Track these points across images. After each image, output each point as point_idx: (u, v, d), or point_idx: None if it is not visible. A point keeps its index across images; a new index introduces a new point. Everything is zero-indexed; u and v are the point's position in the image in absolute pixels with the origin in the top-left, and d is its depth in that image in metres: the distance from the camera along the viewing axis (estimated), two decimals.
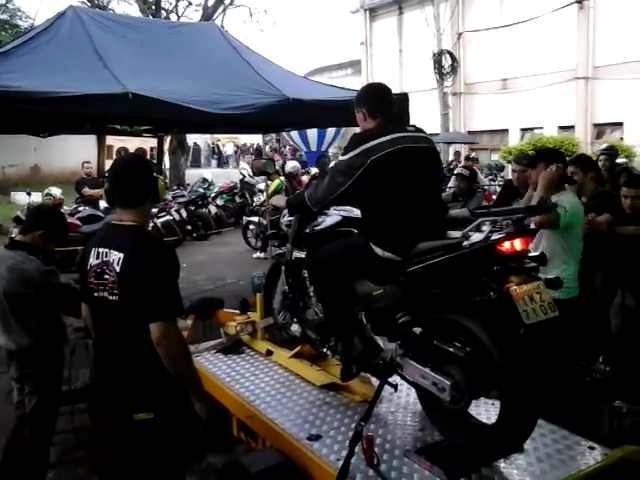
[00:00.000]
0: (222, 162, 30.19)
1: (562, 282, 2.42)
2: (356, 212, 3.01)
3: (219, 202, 13.17)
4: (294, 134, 17.48)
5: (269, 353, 3.88)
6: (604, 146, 10.46)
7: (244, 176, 13.81)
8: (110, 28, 5.78)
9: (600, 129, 17.24)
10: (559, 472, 2.45)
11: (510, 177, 5.52)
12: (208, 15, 18.33)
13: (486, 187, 11.17)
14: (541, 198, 3.45)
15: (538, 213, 2.86)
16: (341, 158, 2.78)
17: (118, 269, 2.17)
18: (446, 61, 18.35)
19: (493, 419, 2.61)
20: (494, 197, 10.18)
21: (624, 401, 3.24)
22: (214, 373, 3.64)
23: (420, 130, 2.83)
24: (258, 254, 9.98)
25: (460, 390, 2.41)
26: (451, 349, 2.47)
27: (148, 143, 5.71)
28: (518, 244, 2.29)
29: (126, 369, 2.25)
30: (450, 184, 7.82)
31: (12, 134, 8.67)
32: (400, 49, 23.10)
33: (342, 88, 6.86)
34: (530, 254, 2.37)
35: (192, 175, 17.82)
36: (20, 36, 6.13)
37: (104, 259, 2.23)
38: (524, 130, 16.96)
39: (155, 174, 2.32)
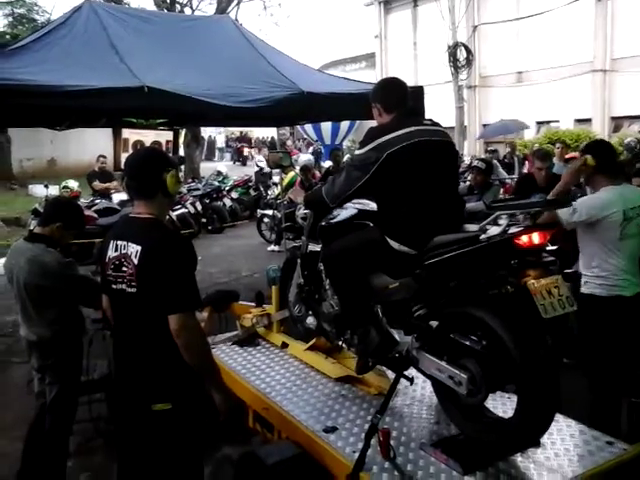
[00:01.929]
0: (234, 158, 29.93)
1: (580, 276, 2.40)
2: (372, 205, 3.01)
3: (234, 195, 13.21)
4: (308, 127, 17.45)
5: (284, 346, 3.90)
6: (628, 140, 10.33)
7: (261, 168, 13.83)
8: (126, 22, 5.81)
9: (617, 122, 17.04)
10: (576, 467, 2.43)
11: (528, 171, 5.49)
12: (222, 8, 18.33)
13: (506, 180, 11.06)
14: (558, 192, 3.42)
15: (555, 207, 2.84)
16: (357, 152, 2.77)
17: (136, 261, 2.19)
18: (461, 54, 18.17)
19: (510, 413, 2.60)
20: None
21: None
22: (230, 365, 3.66)
23: (436, 124, 2.81)
24: (272, 247, 10.00)
25: (477, 384, 2.40)
26: (467, 342, 2.46)
27: (164, 136, 5.75)
28: (536, 238, 2.27)
29: (145, 360, 2.26)
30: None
31: (29, 127, 8.79)
32: (415, 42, 22.96)
33: (356, 81, 6.84)
34: (548, 248, 2.35)
35: (206, 168, 17.91)
36: (37, 30, 6.17)
37: (122, 251, 2.24)
38: (540, 123, 16.80)
39: (169, 168, 2.28)
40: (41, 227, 3.29)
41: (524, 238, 2.26)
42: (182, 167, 12.64)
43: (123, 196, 9.40)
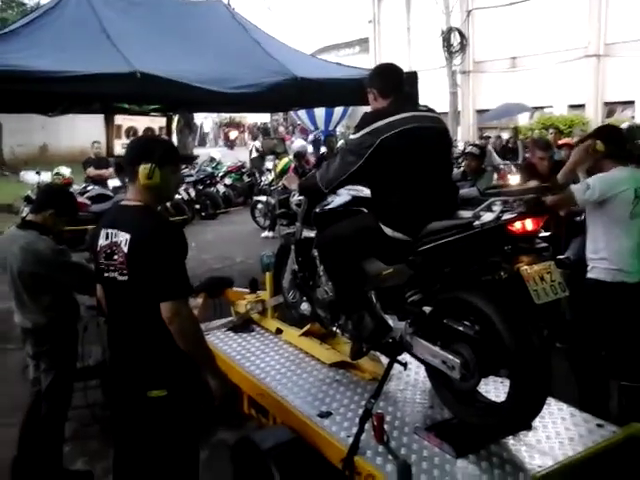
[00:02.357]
0: (200, 139, 29.54)
1: (573, 262, 2.42)
2: (366, 191, 3.00)
3: (227, 181, 13.19)
4: (302, 113, 17.33)
5: (279, 331, 3.91)
6: (625, 125, 10.32)
7: (259, 154, 13.74)
8: (117, 6, 5.73)
9: (611, 107, 17.07)
10: (568, 449, 2.47)
11: (528, 159, 5.47)
12: None
13: (501, 166, 11.06)
14: (567, 171, 3.40)
15: (549, 192, 2.85)
16: (351, 137, 2.77)
17: (126, 250, 2.18)
18: (455, 39, 18.10)
19: (502, 397, 2.63)
20: (509, 176, 10.15)
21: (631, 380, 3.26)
22: (225, 351, 3.67)
23: (431, 110, 2.81)
24: (266, 233, 10.01)
25: (470, 368, 2.43)
26: (461, 328, 2.49)
27: (157, 123, 5.71)
28: (529, 224, 2.28)
29: (139, 347, 2.27)
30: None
31: (20, 113, 8.71)
32: (408, 27, 22.86)
33: (350, 67, 6.81)
34: (541, 234, 2.37)
35: (200, 154, 17.80)
36: (27, 14, 6.09)
37: (112, 240, 2.24)
38: (534, 109, 16.76)
39: (145, 161, 2.20)
40: (34, 214, 3.28)
41: (517, 224, 2.28)
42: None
43: (117, 182, 9.37)
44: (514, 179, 9.35)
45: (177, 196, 10.34)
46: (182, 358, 2.24)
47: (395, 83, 2.83)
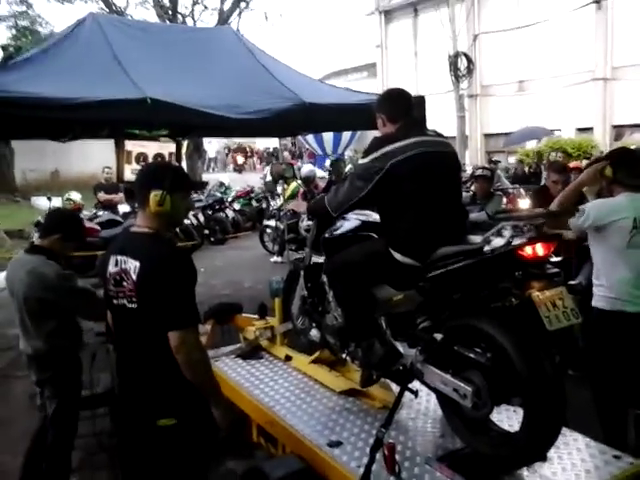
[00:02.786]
0: (208, 165, 29.95)
1: (585, 288, 2.38)
2: (375, 216, 3.00)
3: (236, 206, 13.24)
4: (310, 137, 17.46)
5: (288, 358, 3.88)
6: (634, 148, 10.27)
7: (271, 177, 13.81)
8: (128, 34, 5.85)
9: (619, 131, 17.06)
10: None
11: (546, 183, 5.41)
12: (224, 19, 18.48)
13: (510, 190, 11.03)
14: (570, 191, 3.33)
15: (559, 217, 2.83)
16: (361, 161, 2.77)
17: (135, 277, 2.17)
18: (462, 63, 18.24)
19: (516, 426, 2.58)
20: (519, 200, 10.09)
21: None
22: (233, 378, 3.64)
23: (440, 134, 2.81)
24: (275, 258, 10.00)
25: (482, 397, 2.39)
26: (472, 355, 2.45)
27: (167, 148, 5.76)
28: (540, 249, 2.26)
29: (148, 375, 2.25)
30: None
31: (33, 139, 8.82)
32: (415, 51, 23.08)
33: (358, 92, 6.86)
34: (552, 259, 2.34)
35: (208, 179, 17.92)
36: (40, 42, 6.21)
37: (122, 267, 2.23)
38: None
39: (155, 189, 2.21)
40: (41, 239, 3.29)
41: (528, 249, 2.26)
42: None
43: (127, 208, 9.42)
44: (524, 203, 9.36)
45: (186, 221, 10.40)
46: (191, 387, 2.21)
47: (404, 108, 2.83)
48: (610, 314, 3.08)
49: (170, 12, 18.49)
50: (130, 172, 5.46)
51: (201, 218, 11.33)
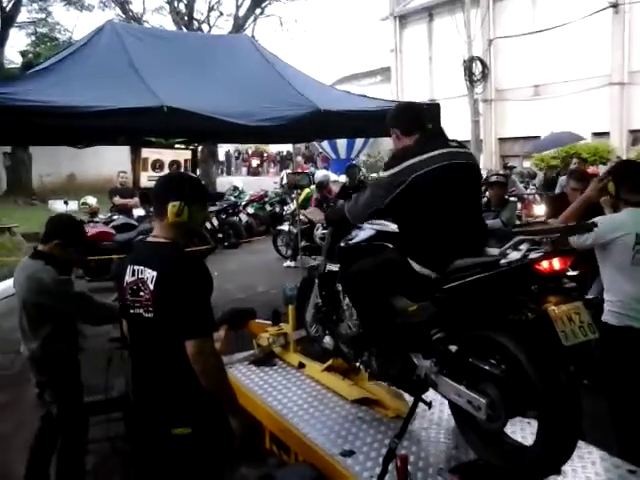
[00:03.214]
0: (250, 172, 30.50)
1: (601, 302, 2.36)
2: (391, 226, 3.01)
3: (250, 210, 13.28)
4: (323, 142, 17.55)
5: (301, 366, 3.89)
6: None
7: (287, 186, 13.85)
8: (146, 42, 5.92)
9: (636, 135, 16.90)
10: None
11: (564, 191, 5.34)
12: (239, 25, 18.59)
13: (525, 196, 10.95)
14: (575, 209, 3.31)
15: (577, 232, 2.80)
16: (382, 174, 2.78)
17: (152, 287, 2.20)
18: (477, 68, 18.15)
19: (530, 439, 2.57)
20: (534, 206, 10.02)
21: None
22: (247, 385, 3.66)
23: (462, 145, 2.81)
24: (288, 263, 10.03)
25: (496, 409, 2.38)
26: (487, 367, 2.45)
27: (182, 155, 5.82)
28: (557, 263, 2.25)
29: (164, 384, 2.27)
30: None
31: (51, 145, 8.94)
32: (430, 56, 23.04)
33: (373, 98, 6.87)
34: (569, 273, 2.33)
35: (222, 183, 18.02)
36: (61, 51, 6.30)
37: (139, 276, 2.26)
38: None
39: (173, 200, 2.23)
40: (42, 245, 3.34)
41: (544, 263, 2.25)
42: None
43: (142, 212, 9.51)
44: (539, 209, 9.29)
45: None
46: (206, 395, 2.23)
47: (416, 120, 2.84)
48: (618, 329, 3.04)
49: (186, 18, 18.65)
50: (146, 179, 5.52)
51: (215, 222, 11.39)
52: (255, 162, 30.57)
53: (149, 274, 2.22)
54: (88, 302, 3.28)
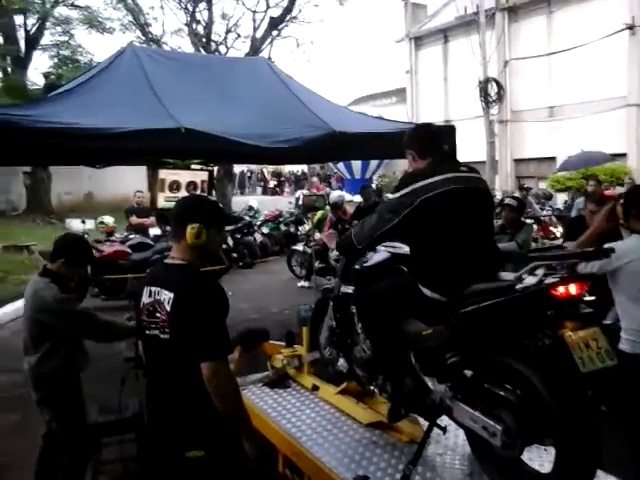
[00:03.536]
0: (267, 190, 30.83)
1: (618, 328, 2.33)
2: (405, 249, 2.99)
3: (264, 230, 13.33)
4: (339, 162, 17.64)
5: (315, 388, 3.86)
6: None
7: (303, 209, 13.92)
8: (164, 65, 6.03)
9: None
10: None
11: (582, 213, 5.30)
12: (256, 47, 18.84)
13: (542, 218, 10.87)
14: (588, 237, 3.29)
15: (594, 258, 2.78)
16: (391, 197, 2.79)
17: (169, 308, 2.22)
18: (492, 89, 18.23)
19: (547, 467, 2.52)
20: (551, 229, 9.93)
21: None
22: (260, 407, 3.64)
23: (473, 169, 2.81)
24: (302, 283, 10.03)
25: (512, 436, 2.35)
26: (502, 393, 2.42)
27: (199, 176, 5.89)
28: (573, 289, 2.23)
29: (178, 406, 2.27)
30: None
31: (70, 165, 9.10)
32: (445, 77, 23.16)
33: (388, 120, 6.92)
34: (586, 298, 2.31)
35: (238, 202, 18.13)
36: (82, 73, 6.43)
37: (156, 298, 2.28)
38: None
39: (193, 223, 2.27)
40: (50, 263, 3.41)
41: (561, 289, 2.23)
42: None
43: (158, 231, 9.59)
44: (557, 231, 9.22)
45: None
46: (220, 418, 2.23)
47: (432, 144, 2.85)
48: (631, 357, 2.99)
49: (204, 40, 18.96)
50: (163, 199, 5.59)
51: (230, 242, 11.44)
52: (273, 183, 30.83)
53: (166, 295, 2.24)
54: (91, 319, 3.34)
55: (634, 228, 3.07)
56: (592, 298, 2.34)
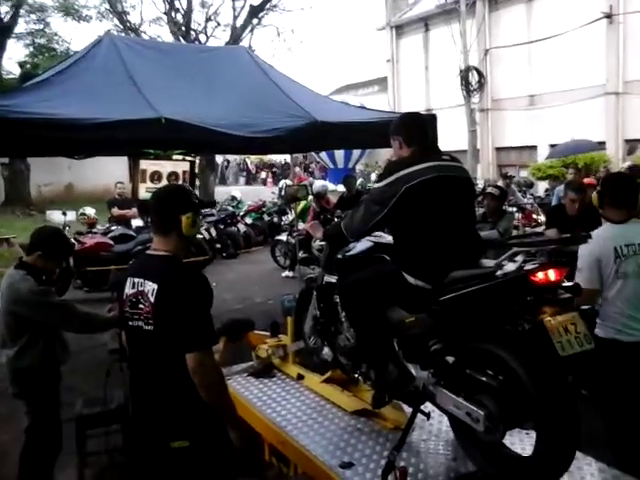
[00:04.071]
0: (250, 179, 30.75)
1: (596, 312, 2.37)
2: (387, 238, 3.02)
3: (248, 220, 13.28)
4: (322, 152, 17.62)
5: (300, 377, 3.89)
6: (627, 164, 10.20)
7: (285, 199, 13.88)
8: (144, 54, 5.97)
9: (632, 145, 16.99)
10: None
11: (562, 202, 5.35)
12: (236, 35, 18.69)
13: (526, 206, 10.98)
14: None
15: (573, 244, 2.82)
16: (375, 186, 2.80)
17: (152, 299, 2.21)
18: (473, 77, 18.33)
19: (528, 450, 2.57)
20: (534, 216, 10.03)
21: None
22: (246, 397, 3.66)
23: (455, 159, 2.83)
24: (287, 273, 10.03)
25: (494, 420, 2.38)
26: (484, 378, 2.45)
27: (181, 167, 5.85)
28: (552, 274, 2.26)
29: (162, 397, 2.28)
30: None
31: (49, 157, 8.98)
32: (426, 66, 23.19)
33: (370, 109, 6.92)
34: (564, 284, 2.35)
35: (220, 192, 18.05)
36: (59, 63, 6.33)
37: (139, 289, 2.27)
38: (553, 146, 16.77)
39: (187, 210, 2.30)
40: (27, 255, 3.39)
41: (540, 275, 2.26)
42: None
43: (140, 222, 9.52)
44: (539, 219, 9.33)
45: (199, 236, 10.47)
46: (205, 409, 2.24)
47: (419, 133, 2.86)
48: (605, 342, 3.04)
49: (183, 29, 18.75)
50: (144, 190, 5.54)
51: (213, 232, 11.38)
52: (264, 173, 30.76)
53: (150, 286, 2.24)
54: (69, 311, 3.33)
55: (607, 216, 3.12)
56: (571, 284, 2.37)
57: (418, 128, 2.88)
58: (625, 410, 3.05)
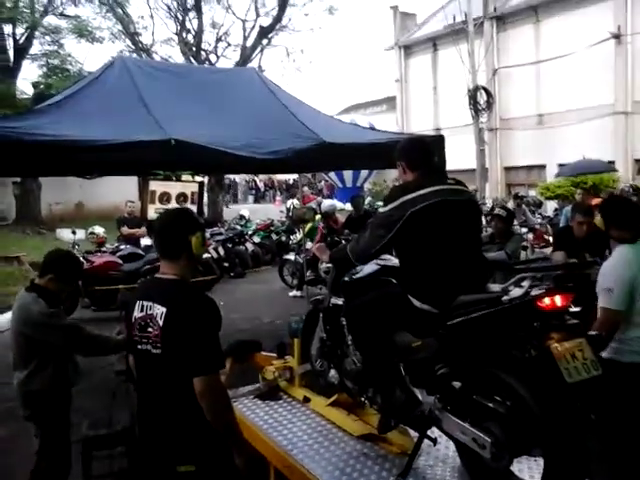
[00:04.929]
0: (258, 197, 30.94)
1: (605, 340, 2.36)
2: (394, 261, 3.03)
3: (256, 239, 13.29)
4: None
5: (306, 400, 3.86)
6: (622, 186, 10.11)
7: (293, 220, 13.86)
8: (155, 76, 6.03)
9: None
10: None
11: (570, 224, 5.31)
12: (246, 55, 18.90)
13: (537, 226, 10.92)
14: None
15: (579, 269, 2.81)
16: (380, 210, 2.82)
17: (161, 323, 2.22)
18: (481, 97, 18.38)
19: (536, 477, 2.54)
20: (545, 236, 9.98)
21: None
22: (252, 420, 3.64)
23: (460, 182, 2.85)
24: (294, 292, 10.02)
25: (501, 447, 2.36)
26: (491, 404, 2.44)
27: (189, 188, 5.90)
28: (558, 300, 2.26)
29: (169, 421, 2.28)
30: None
31: (60, 176, 9.07)
32: (435, 86, 23.31)
33: (378, 130, 6.96)
34: (571, 309, 2.34)
35: (229, 211, 18.12)
36: (72, 84, 6.43)
37: (148, 312, 2.28)
38: (562, 166, 16.73)
39: (196, 231, 2.34)
40: (39, 278, 3.40)
41: (546, 300, 2.26)
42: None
43: (149, 241, 9.56)
44: (550, 238, 9.27)
45: (206, 255, 10.49)
46: (211, 433, 2.23)
47: (422, 157, 2.88)
48: (631, 367, 3.03)
49: (194, 49, 19.00)
50: (153, 211, 5.58)
51: (221, 251, 11.39)
52: (260, 183, 31.00)
53: (159, 310, 2.25)
54: (79, 334, 3.32)
55: (614, 236, 3.11)
56: (577, 309, 2.36)
57: (420, 153, 2.90)
58: (629, 433, 3.01)
